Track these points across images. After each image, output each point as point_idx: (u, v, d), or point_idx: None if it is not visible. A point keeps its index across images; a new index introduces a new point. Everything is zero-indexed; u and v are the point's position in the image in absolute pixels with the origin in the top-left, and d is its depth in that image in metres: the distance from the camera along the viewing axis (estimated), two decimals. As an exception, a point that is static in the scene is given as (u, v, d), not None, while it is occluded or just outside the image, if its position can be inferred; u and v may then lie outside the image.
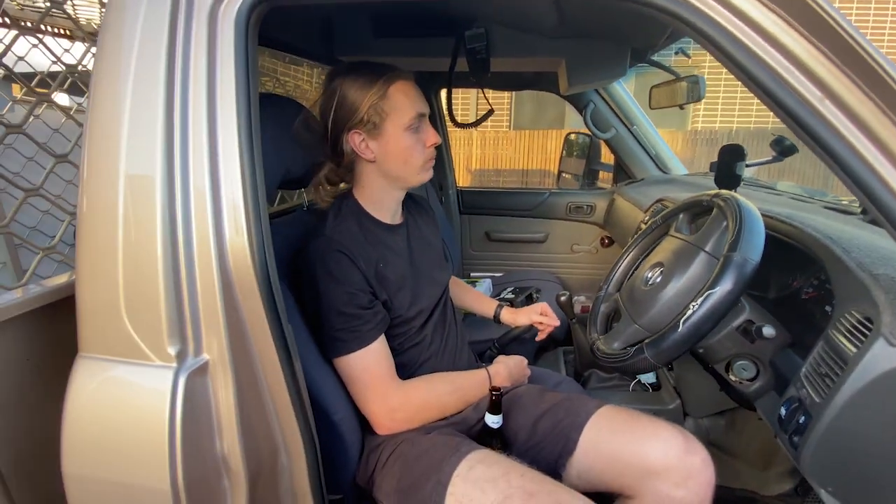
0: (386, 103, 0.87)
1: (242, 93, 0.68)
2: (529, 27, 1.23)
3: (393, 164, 0.91)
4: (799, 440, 0.69)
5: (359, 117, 0.87)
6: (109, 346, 0.68)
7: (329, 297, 0.84)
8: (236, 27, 0.67)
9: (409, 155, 0.90)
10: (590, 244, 2.25)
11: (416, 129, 0.90)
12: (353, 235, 0.90)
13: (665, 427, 0.82)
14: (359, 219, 0.94)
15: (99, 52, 0.68)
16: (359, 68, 0.90)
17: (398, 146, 0.90)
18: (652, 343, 0.80)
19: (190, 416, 0.66)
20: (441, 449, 0.82)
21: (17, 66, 1.39)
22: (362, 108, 0.87)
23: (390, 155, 0.91)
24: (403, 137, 0.89)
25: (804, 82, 0.54)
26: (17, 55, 1.33)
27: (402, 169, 0.92)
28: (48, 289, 0.77)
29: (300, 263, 0.88)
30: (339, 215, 0.93)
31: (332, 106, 0.89)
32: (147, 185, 0.66)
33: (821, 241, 0.79)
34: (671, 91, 1.58)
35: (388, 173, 0.93)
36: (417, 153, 0.91)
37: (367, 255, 0.89)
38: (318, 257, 0.85)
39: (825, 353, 0.69)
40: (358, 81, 0.88)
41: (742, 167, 1.13)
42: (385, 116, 0.88)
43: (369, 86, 0.87)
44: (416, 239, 1.03)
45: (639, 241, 1.11)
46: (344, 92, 0.88)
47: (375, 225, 0.95)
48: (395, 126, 0.89)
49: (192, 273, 0.67)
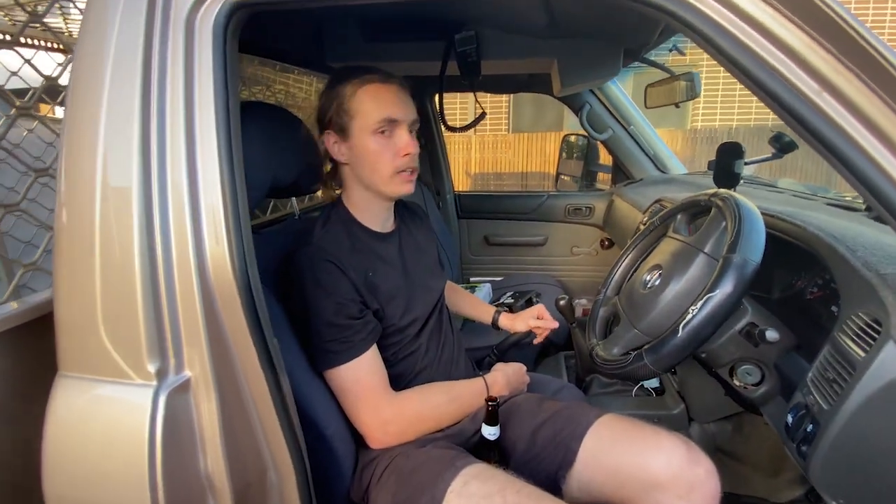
0: (352, 104, 0.86)
1: (221, 100, 0.66)
2: (520, 28, 1.22)
3: (362, 170, 0.90)
4: (807, 449, 0.66)
5: (328, 117, 0.88)
6: (89, 365, 0.66)
7: (318, 308, 0.82)
8: (214, 34, 0.66)
9: (375, 160, 0.87)
10: (590, 246, 2.22)
11: (387, 134, 0.87)
12: (342, 244, 0.88)
13: (667, 437, 0.79)
14: (348, 227, 0.92)
15: (75, 62, 0.67)
16: (350, 70, 0.90)
17: (364, 150, 0.87)
18: (651, 349, 0.77)
19: (171, 435, 0.63)
20: (436, 463, 0.79)
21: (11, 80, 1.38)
22: (332, 108, 0.88)
23: (358, 159, 0.89)
24: (370, 141, 0.86)
25: (800, 75, 0.51)
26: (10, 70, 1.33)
27: (371, 176, 0.89)
28: (28, 306, 0.75)
29: (288, 272, 0.86)
30: (327, 223, 0.91)
31: (317, 106, 0.91)
32: (123, 197, 0.64)
33: (824, 240, 0.76)
34: (667, 90, 1.56)
35: (362, 179, 0.91)
36: (385, 160, 0.87)
37: (356, 264, 0.87)
38: (306, 266, 0.83)
39: (832, 357, 0.66)
40: (337, 82, 0.88)
41: (741, 165, 1.11)
42: (350, 118, 0.87)
43: (342, 86, 0.87)
44: (409, 247, 1.00)
45: (637, 243, 1.08)
46: (324, 92, 0.90)
47: (365, 233, 0.93)
48: (360, 129, 0.87)
49: (172, 286, 0.65)
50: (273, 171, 0.93)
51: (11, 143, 1.36)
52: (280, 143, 0.90)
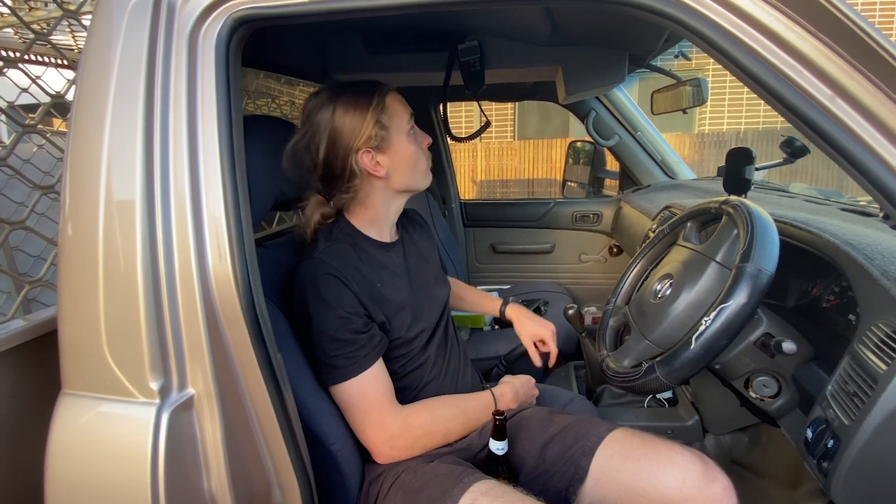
0: (386, 114, 0.87)
1: (224, 115, 0.66)
2: (523, 37, 1.21)
3: (403, 173, 0.91)
4: (828, 466, 0.63)
5: (365, 135, 0.86)
6: (92, 383, 0.65)
7: (321, 323, 0.81)
8: (217, 49, 0.66)
9: (416, 159, 0.92)
10: (598, 253, 2.20)
11: (412, 133, 0.92)
12: (346, 256, 0.87)
13: (682, 453, 0.77)
14: (353, 239, 0.91)
15: (80, 78, 0.67)
16: (343, 93, 0.87)
17: (406, 153, 0.90)
18: (663, 361, 0.75)
19: (174, 454, 0.63)
20: (443, 479, 0.78)
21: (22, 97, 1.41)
22: (367, 126, 0.86)
23: (400, 164, 0.90)
24: (406, 143, 0.90)
25: (812, 81, 0.50)
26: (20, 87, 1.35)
27: (412, 175, 0.92)
28: (33, 323, 0.75)
29: (291, 287, 0.85)
30: (330, 237, 0.90)
31: (324, 138, 0.86)
32: (127, 212, 0.64)
33: (841, 248, 0.74)
34: (673, 95, 1.54)
35: (397, 185, 0.92)
36: (421, 156, 0.93)
37: (362, 276, 0.86)
38: (308, 281, 0.82)
39: (852, 369, 0.64)
40: (352, 105, 0.86)
41: (752, 171, 1.08)
42: (389, 127, 0.88)
43: (367, 103, 0.86)
44: (413, 255, 1.00)
45: (646, 251, 1.06)
46: (340, 120, 0.86)
47: (370, 244, 0.92)
48: (399, 134, 0.89)
49: (175, 302, 0.64)
50: (278, 184, 0.93)
51: (21, 159, 1.38)
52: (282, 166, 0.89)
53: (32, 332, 0.75)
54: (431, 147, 0.97)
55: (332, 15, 0.65)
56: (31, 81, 1.23)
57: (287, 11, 0.64)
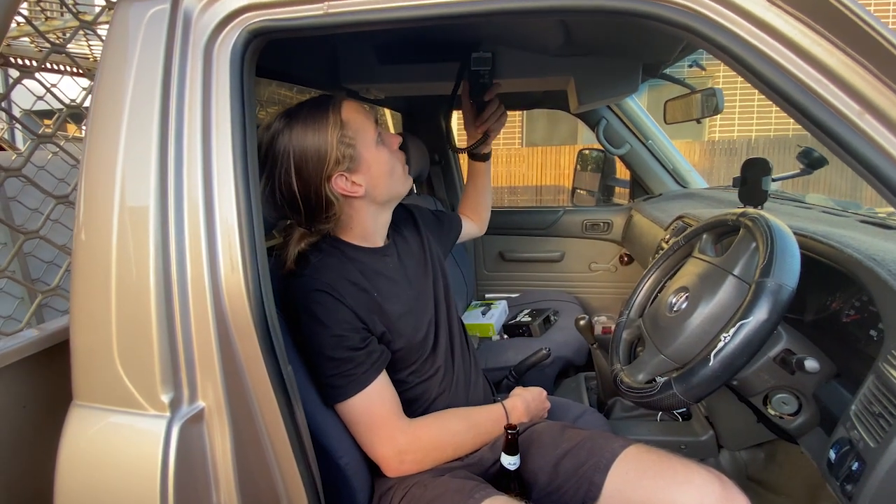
0: (348, 130, 0.81)
1: (238, 126, 0.66)
2: (535, 47, 1.20)
3: (383, 186, 0.87)
4: (852, 489, 0.61)
5: (332, 160, 0.80)
6: (103, 394, 0.65)
7: (317, 342, 0.79)
8: (231, 61, 0.66)
9: (391, 167, 0.88)
10: (608, 262, 2.18)
11: (381, 138, 0.87)
12: (338, 270, 0.84)
13: (699, 472, 0.75)
14: (343, 251, 0.88)
15: (96, 87, 0.68)
16: (296, 115, 0.81)
17: (380, 164, 0.85)
18: (681, 378, 0.73)
19: (184, 467, 0.62)
20: (454, 494, 0.76)
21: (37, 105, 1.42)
22: (331, 149, 0.79)
23: (377, 178, 0.86)
24: (377, 152, 0.85)
25: (840, 96, 0.48)
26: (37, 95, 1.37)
27: (391, 184, 0.88)
28: (45, 333, 0.75)
29: (285, 306, 0.82)
30: (321, 252, 0.86)
31: (291, 167, 0.80)
32: (140, 222, 0.64)
33: (864, 264, 0.72)
34: (686, 104, 1.53)
35: (379, 198, 0.88)
36: (396, 161, 0.89)
37: (357, 289, 0.83)
38: (300, 300, 0.80)
39: (877, 389, 0.62)
40: (307, 127, 0.80)
41: (768, 182, 1.06)
42: (355, 143, 0.82)
43: (324, 123, 0.80)
44: (406, 254, 0.97)
45: (660, 263, 1.04)
46: (301, 145, 0.80)
47: (362, 253, 0.89)
48: (367, 147, 0.84)
49: (187, 313, 0.64)
50: None
51: (36, 166, 1.40)
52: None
53: (45, 343, 0.75)
54: (441, 156, 0.96)
55: (345, 28, 0.65)
56: (45, 90, 1.25)
57: (301, 24, 0.64)
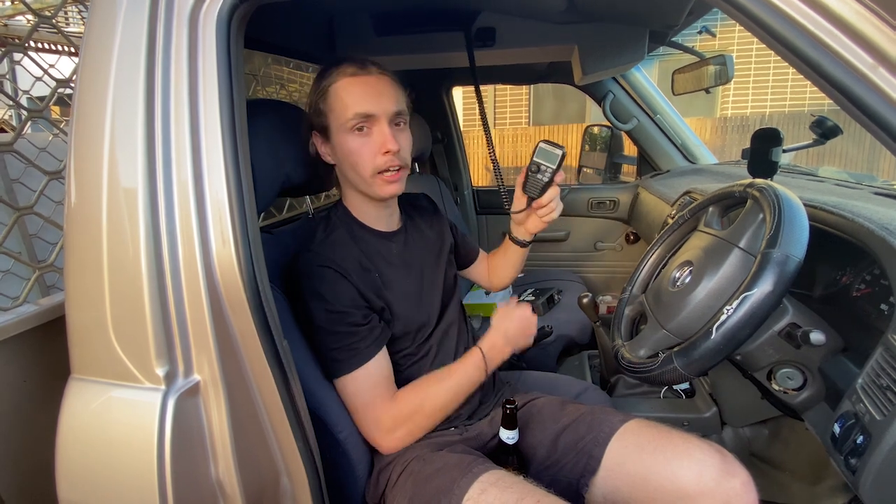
0: (325, 103, 0.81)
1: (226, 98, 0.64)
2: (537, 14, 1.16)
3: (346, 172, 0.85)
4: (857, 463, 0.60)
5: (310, 118, 0.84)
6: (99, 368, 0.65)
7: (319, 317, 0.79)
8: (218, 29, 0.64)
9: (355, 160, 0.82)
10: (614, 241, 2.15)
11: (365, 132, 0.81)
12: (343, 246, 0.85)
13: (699, 445, 0.74)
14: (350, 227, 0.88)
15: (81, 62, 0.66)
16: (329, 66, 0.84)
17: (343, 150, 0.82)
18: (682, 352, 0.72)
19: (181, 440, 0.62)
20: (452, 469, 0.76)
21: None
22: (310, 109, 0.83)
23: (341, 160, 0.84)
24: (347, 140, 0.81)
25: (852, 48, 0.45)
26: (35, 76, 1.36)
27: (354, 178, 0.84)
28: (43, 308, 0.76)
29: (290, 279, 0.83)
30: (328, 226, 0.88)
31: None
32: (129, 198, 0.63)
33: (876, 234, 0.69)
34: (696, 75, 1.47)
35: (349, 181, 0.87)
36: (365, 159, 0.81)
37: (361, 267, 0.83)
38: (305, 274, 0.80)
39: (885, 361, 0.60)
40: (316, 80, 0.84)
41: (778, 153, 1.03)
42: (326, 117, 0.82)
43: (317, 84, 0.82)
44: (417, 243, 0.96)
45: (665, 238, 1.02)
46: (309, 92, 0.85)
47: (368, 233, 0.89)
48: (337, 128, 0.82)
49: (179, 288, 0.64)
50: (285, 170, 0.91)
51: (37, 147, 1.40)
52: (291, 140, 0.88)
53: (43, 317, 0.75)
54: (444, 134, 0.93)
55: None
56: (43, 72, 1.24)
57: None
